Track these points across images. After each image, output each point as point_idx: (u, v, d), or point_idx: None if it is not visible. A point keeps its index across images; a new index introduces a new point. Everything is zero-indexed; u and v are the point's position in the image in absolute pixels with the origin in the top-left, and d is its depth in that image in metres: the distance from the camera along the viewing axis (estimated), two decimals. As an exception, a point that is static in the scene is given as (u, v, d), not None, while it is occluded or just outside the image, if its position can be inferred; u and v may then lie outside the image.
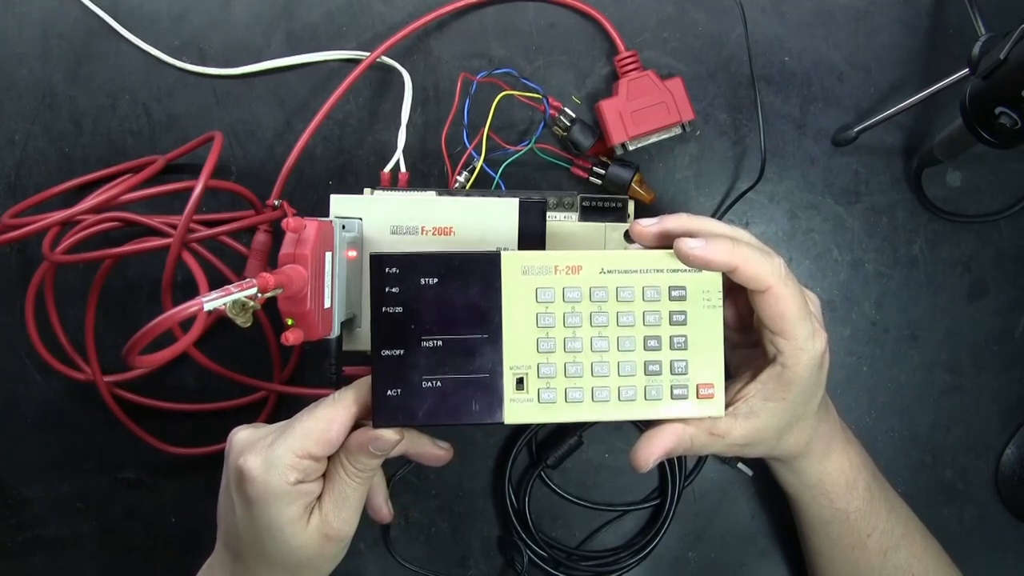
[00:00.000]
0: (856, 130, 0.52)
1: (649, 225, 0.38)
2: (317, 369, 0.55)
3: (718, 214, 0.54)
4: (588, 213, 0.50)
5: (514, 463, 0.54)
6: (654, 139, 0.52)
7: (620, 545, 0.55)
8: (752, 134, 0.54)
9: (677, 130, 0.52)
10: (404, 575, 0.55)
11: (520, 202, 0.46)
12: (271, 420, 0.54)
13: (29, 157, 0.55)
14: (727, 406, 0.40)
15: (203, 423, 0.55)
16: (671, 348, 0.39)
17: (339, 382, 0.43)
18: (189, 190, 0.47)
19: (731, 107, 0.54)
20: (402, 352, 0.38)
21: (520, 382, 0.38)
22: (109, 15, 0.54)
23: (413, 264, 0.38)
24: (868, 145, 0.54)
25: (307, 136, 0.50)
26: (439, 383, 0.38)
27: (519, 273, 0.38)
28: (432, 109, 0.54)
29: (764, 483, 0.55)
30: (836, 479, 0.45)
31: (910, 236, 0.55)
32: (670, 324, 0.38)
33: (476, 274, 0.38)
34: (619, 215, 0.49)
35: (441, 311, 0.38)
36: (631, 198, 0.50)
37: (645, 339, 0.38)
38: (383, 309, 0.38)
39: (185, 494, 0.56)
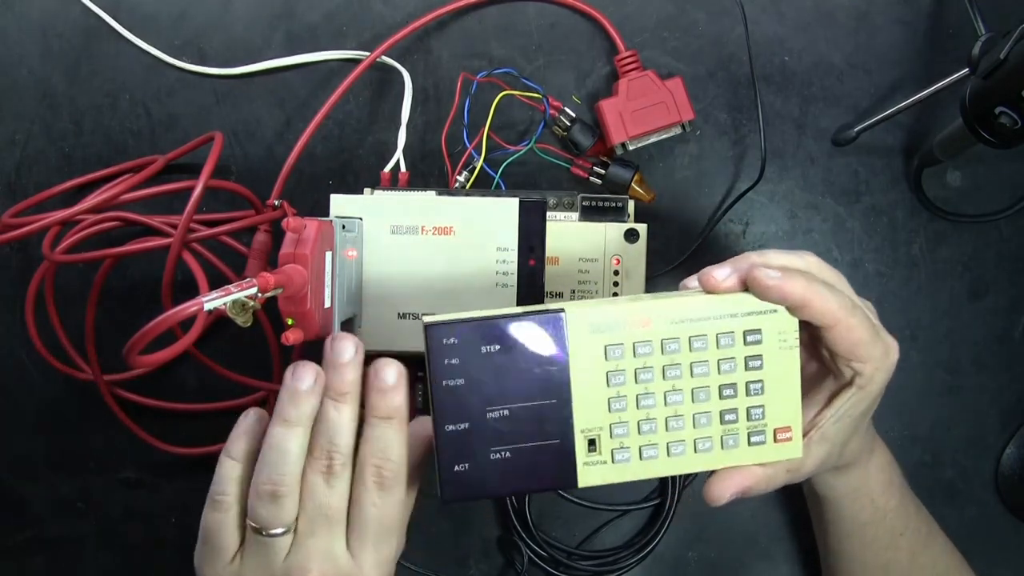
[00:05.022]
0: (856, 130, 0.52)
1: (725, 277, 0.36)
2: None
3: (718, 214, 0.54)
4: (588, 213, 0.50)
5: (514, 463, 0.54)
6: (654, 139, 0.52)
7: (620, 545, 0.56)
8: (752, 134, 0.54)
9: (677, 130, 0.52)
10: (404, 575, 0.55)
11: (520, 202, 0.46)
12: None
13: (29, 157, 0.55)
14: (804, 436, 0.38)
15: (203, 423, 0.55)
16: (747, 394, 0.37)
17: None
18: (189, 190, 0.47)
19: (731, 107, 0.54)
20: (467, 425, 0.35)
21: (592, 443, 0.36)
22: (109, 15, 0.54)
23: (473, 332, 0.35)
24: (868, 145, 0.54)
25: (307, 136, 0.50)
26: (508, 453, 0.36)
27: (587, 332, 0.35)
28: (432, 109, 0.54)
29: (764, 483, 0.55)
30: (877, 477, 0.45)
31: (910, 236, 0.55)
32: (746, 370, 0.36)
33: (540, 335, 0.35)
34: (619, 215, 0.49)
35: (505, 378, 0.35)
36: (631, 198, 0.50)
37: (720, 388, 0.36)
38: (444, 383, 0.35)
39: (185, 494, 0.56)
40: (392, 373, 0.36)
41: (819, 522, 0.50)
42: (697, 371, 0.36)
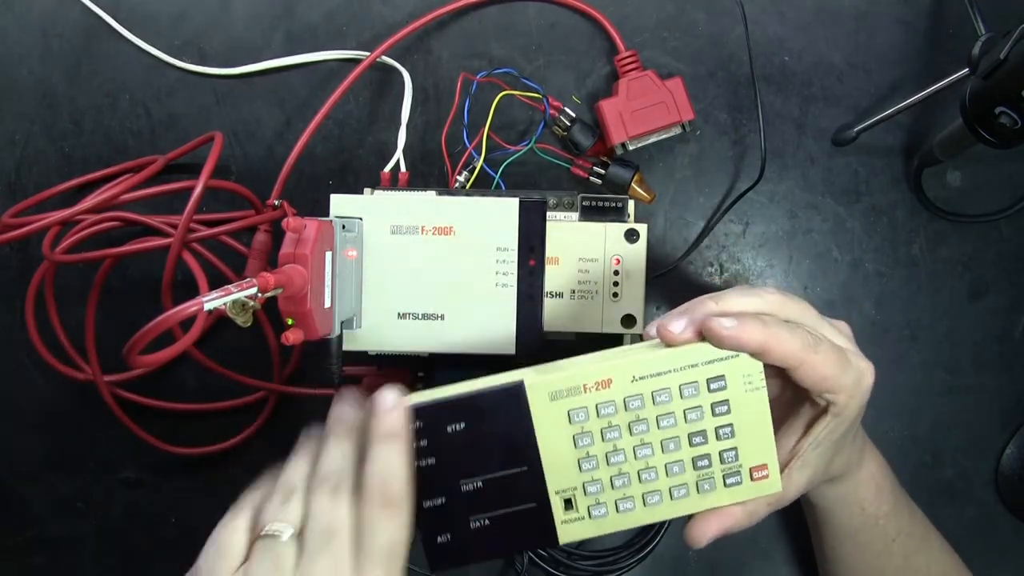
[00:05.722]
0: (856, 130, 0.52)
1: (680, 331, 0.36)
2: (317, 369, 0.55)
3: (718, 214, 0.54)
4: (588, 213, 0.50)
5: (514, 463, 0.54)
6: (654, 139, 0.52)
7: (620, 545, 0.55)
8: (752, 134, 0.54)
9: (677, 130, 0.52)
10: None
11: (520, 202, 0.46)
12: (271, 420, 0.54)
13: (29, 157, 0.55)
14: (783, 469, 0.38)
15: (203, 423, 0.55)
16: (718, 439, 0.37)
17: (340, 382, 0.43)
18: (189, 190, 0.47)
19: (731, 107, 0.54)
20: (444, 500, 0.37)
21: (568, 503, 0.37)
22: (109, 15, 0.54)
23: (437, 414, 0.36)
24: (868, 145, 0.54)
25: (307, 136, 0.50)
26: (487, 520, 0.37)
27: (547, 400, 0.36)
28: (432, 109, 0.54)
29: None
30: (868, 485, 0.45)
31: (910, 236, 0.55)
32: (713, 416, 0.36)
33: (502, 410, 0.36)
34: (619, 215, 0.49)
35: (474, 453, 0.36)
36: (631, 198, 0.50)
37: (690, 436, 0.37)
38: (416, 463, 0.36)
39: (185, 494, 0.56)
40: (391, 397, 0.36)
41: (813, 527, 0.50)
42: (664, 423, 0.36)
